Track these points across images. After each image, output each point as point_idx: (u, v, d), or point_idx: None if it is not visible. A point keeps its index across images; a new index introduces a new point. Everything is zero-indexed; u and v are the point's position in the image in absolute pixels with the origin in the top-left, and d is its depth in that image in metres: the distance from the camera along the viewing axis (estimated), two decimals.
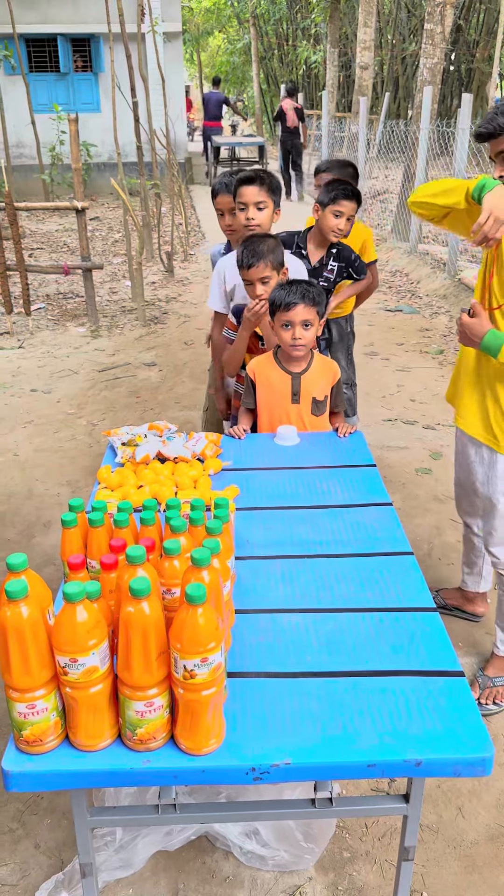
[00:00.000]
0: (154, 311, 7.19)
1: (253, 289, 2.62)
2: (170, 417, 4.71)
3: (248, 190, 2.74)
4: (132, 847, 1.95)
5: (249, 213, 2.76)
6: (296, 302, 2.42)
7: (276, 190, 2.79)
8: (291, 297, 2.43)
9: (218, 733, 1.37)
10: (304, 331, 2.47)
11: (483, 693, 2.50)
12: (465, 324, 2.17)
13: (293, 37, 24.92)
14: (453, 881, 1.97)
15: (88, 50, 14.16)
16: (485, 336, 2.14)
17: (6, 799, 2.20)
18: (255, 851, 1.98)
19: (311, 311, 2.45)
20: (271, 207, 2.79)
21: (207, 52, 36.98)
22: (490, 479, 2.37)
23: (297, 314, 2.43)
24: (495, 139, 2.06)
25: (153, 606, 1.28)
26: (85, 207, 6.20)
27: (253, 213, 2.76)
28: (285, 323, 2.46)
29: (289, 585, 1.82)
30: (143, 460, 2.34)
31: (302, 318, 2.44)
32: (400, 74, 21.16)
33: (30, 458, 4.29)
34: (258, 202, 2.75)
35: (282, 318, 2.47)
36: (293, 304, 2.43)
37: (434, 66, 8.84)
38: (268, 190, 2.75)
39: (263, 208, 2.76)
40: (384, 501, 2.19)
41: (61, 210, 6.84)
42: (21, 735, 1.34)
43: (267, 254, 2.57)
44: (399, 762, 1.35)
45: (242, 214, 2.79)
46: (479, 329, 2.15)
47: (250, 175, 2.74)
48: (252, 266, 2.57)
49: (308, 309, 2.44)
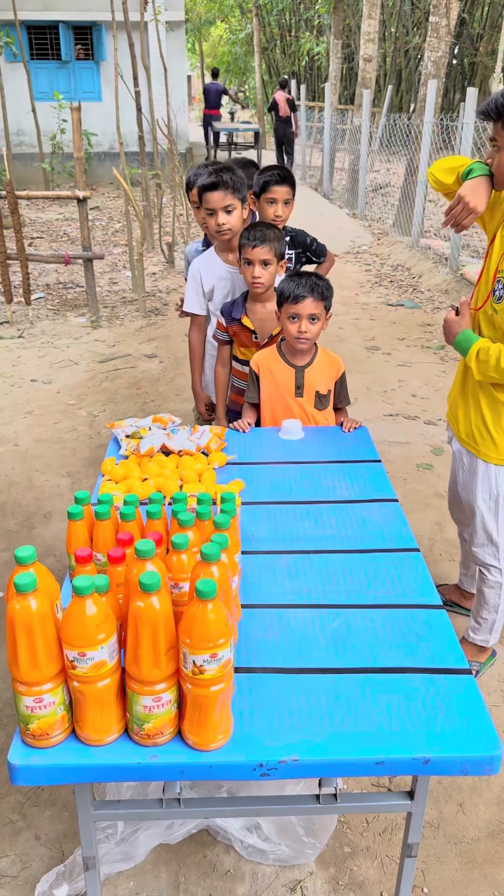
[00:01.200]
0: (155, 303, 7.17)
1: (252, 269, 2.62)
2: (171, 409, 4.70)
3: (213, 196, 2.71)
4: (133, 840, 1.95)
5: (219, 218, 2.74)
6: (305, 295, 2.41)
7: (241, 187, 2.75)
8: (301, 289, 2.42)
9: (225, 729, 1.37)
10: (311, 324, 2.46)
11: None
12: (446, 321, 2.20)
13: (296, 28, 24.79)
14: (454, 877, 1.98)
15: (90, 38, 14.06)
16: (457, 335, 2.16)
17: (7, 790, 2.19)
18: (256, 845, 1.98)
19: (318, 305, 2.44)
20: (239, 206, 2.77)
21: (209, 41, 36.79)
22: (468, 485, 2.38)
23: (304, 307, 2.42)
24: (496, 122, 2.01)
25: (163, 601, 1.27)
26: (86, 197, 6.16)
27: (223, 219, 2.74)
28: (292, 315, 2.45)
29: (295, 581, 1.82)
30: (148, 453, 2.33)
31: (309, 312, 2.43)
32: (403, 67, 21.07)
33: (30, 448, 4.27)
34: (226, 206, 2.72)
35: (289, 311, 2.45)
36: (302, 298, 2.41)
37: (438, 59, 8.80)
38: (233, 191, 2.71)
39: (232, 210, 2.74)
40: (390, 497, 2.19)
41: (62, 199, 6.81)
42: (28, 729, 1.33)
43: (272, 239, 2.59)
44: (407, 760, 1.35)
45: (212, 220, 2.76)
46: (454, 328, 2.18)
47: (213, 181, 2.70)
48: (257, 246, 2.57)
49: (316, 303, 2.43)
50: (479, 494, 2.34)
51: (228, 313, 2.79)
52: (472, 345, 2.13)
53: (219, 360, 2.96)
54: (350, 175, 12.80)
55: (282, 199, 3.01)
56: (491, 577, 2.44)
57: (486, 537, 2.39)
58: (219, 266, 2.93)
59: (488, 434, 2.26)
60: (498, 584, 2.45)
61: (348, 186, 12.91)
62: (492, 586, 2.45)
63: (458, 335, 2.16)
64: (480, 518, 2.37)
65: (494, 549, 2.41)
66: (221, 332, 2.85)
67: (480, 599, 2.50)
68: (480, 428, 2.28)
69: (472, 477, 2.35)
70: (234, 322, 2.77)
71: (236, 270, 2.88)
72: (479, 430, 2.28)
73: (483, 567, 2.45)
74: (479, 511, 2.36)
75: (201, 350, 3.08)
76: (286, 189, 3.01)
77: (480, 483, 2.33)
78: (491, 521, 2.36)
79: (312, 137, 17.42)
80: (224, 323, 2.82)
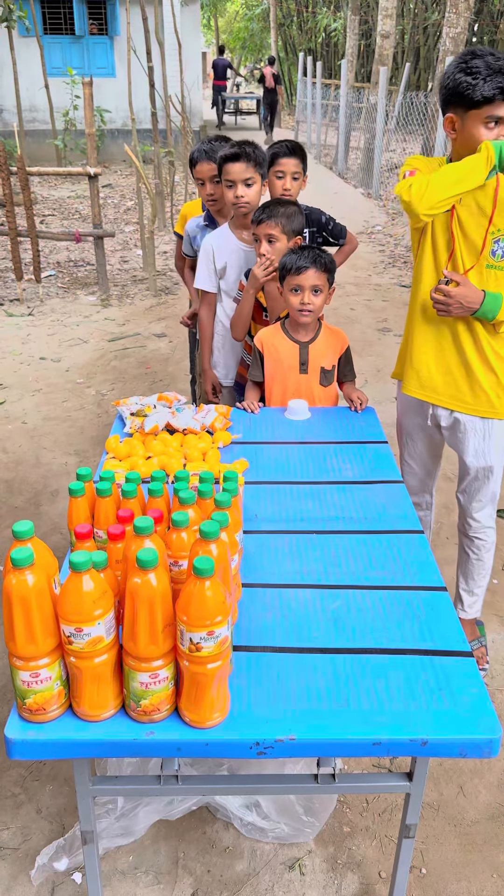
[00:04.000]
0: (165, 282, 7.13)
1: (258, 245, 2.59)
2: (179, 389, 4.68)
3: (234, 167, 2.64)
4: (133, 815, 1.96)
5: (238, 190, 2.67)
6: (307, 266, 2.38)
7: (262, 162, 2.70)
8: (302, 260, 2.39)
9: (222, 707, 1.36)
10: (314, 296, 2.42)
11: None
12: (457, 294, 2.10)
13: (313, 3, 24.39)
14: (452, 859, 1.98)
15: (104, 12, 13.90)
16: (482, 300, 2.10)
17: (9, 764, 2.21)
18: (256, 823, 1.98)
19: (321, 276, 2.41)
20: (259, 182, 2.70)
21: (225, 17, 36.29)
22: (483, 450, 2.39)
23: (307, 278, 2.39)
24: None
25: (160, 578, 1.26)
26: (98, 174, 6.12)
27: (242, 191, 2.67)
28: (295, 287, 2.42)
29: (297, 561, 1.80)
30: (152, 431, 2.32)
31: (312, 283, 2.40)
32: (421, 44, 20.71)
33: (38, 426, 4.28)
34: (246, 179, 2.65)
35: (291, 282, 2.42)
36: (304, 268, 2.38)
37: (457, 35, 8.64)
38: (254, 165, 2.65)
39: (252, 184, 2.68)
40: (395, 479, 2.16)
41: (74, 176, 6.76)
42: (24, 703, 1.33)
43: (281, 216, 2.54)
44: (405, 741, 1.34)
45: (230, 192, 2.69)
46: (471, 295, 2.10)
47: (235, 151, 2.63)
48: (262, 221, 2.54)
49: (319, 274, 2.40)
50: (494, 454, 2.34)
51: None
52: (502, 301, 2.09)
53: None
54: (365, 154, 12.64)
55: (290, 173, 2.89)
56: (489, 539, 2.47)
57: (490, 497, 2.41)
58: (233, 242, 2.88)
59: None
60: (493, 545, 2.49)
61: (363, 165, 12.75)
62: (489, 548, 2.49)
63: (485, 299, 2.09)
64: (495, 480, 2.38)
65: (492, 508, 2.44)
66: (241, 291, 2.81)
67: (479, 567, 2.50)
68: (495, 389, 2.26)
69: (488, 441, 2.33)
70: None
71: (250, 248, 2.84)
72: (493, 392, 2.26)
73: (481, 532, 2.45)
74: (496, 473, 2.37)
75: (211, 328, 3.05)
76: (295, 161, 2.90)
77: (497, 442, 2.33)
78: (500, 479, 2.38)
79: (328, 115, 17.22)
80: (244, 283, 2.78)
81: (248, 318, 2.79)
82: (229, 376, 3.07)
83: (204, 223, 3.11)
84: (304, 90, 18.63)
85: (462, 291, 2.10)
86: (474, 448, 2.36)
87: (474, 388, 2.28)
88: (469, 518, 2.47)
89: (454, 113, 2.03)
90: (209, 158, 2.89)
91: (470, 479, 2.41)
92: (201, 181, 3.02)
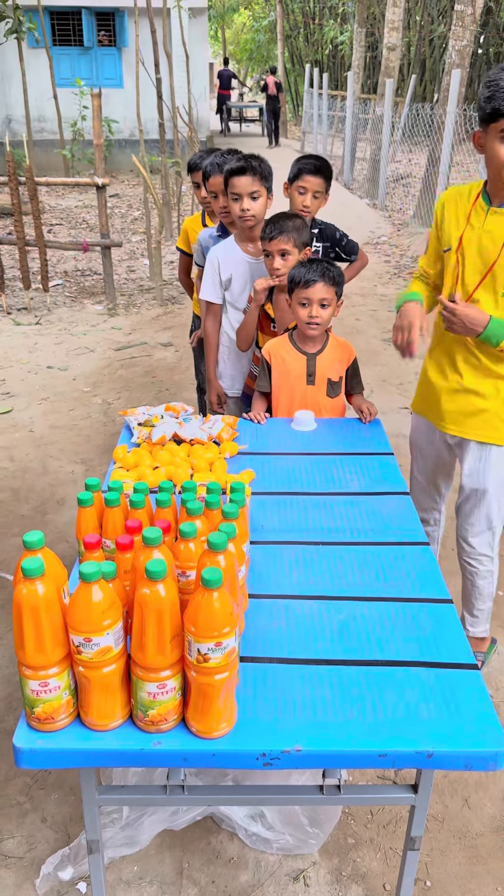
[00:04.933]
0: (172, 291, 7.16)
1: (271, 261, 2.60)
2: (185, 399, 4.70)
3: (240, 181, 2.66)
4: (138, 825, 1.96)
5: (244, 203, 2.69)
6: (315, 279, 2.40)
7: (268, 176, 2.71)
8: (311, 274, 2.41)
9: (229, 717, 1.37)
10: (322, 310, 2.44)
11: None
12: (464, 314, 2.12)
13: (320, 15, 24.57)
14: (457, 871, 1.97)
15: (112, 24, 14.02)
16: (487, 325, 2.10)
17: (14, 773, 2.21)
18: (261, 834, 1.99)
19: (329, 290, 2.43)
20: (265, 195, 2.72)
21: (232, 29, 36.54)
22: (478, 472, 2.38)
23: (315, 292, 2.41)
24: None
25: (169, 589, 1.27)
26: (105, 184, 6.16)
27: (248, 204, 2.69)
28: (303, 300, 2.44)
29: (303, 572, 1.81)
30: (160, 441, 2.33)
31: (320, 297, 2.42)
32: (427, 56, 20.83)
33: (45, 434, 4.30)
34: (252, 192, 2.67)
35: (300, 296, 2.44)
36: (312, 282, 2.40)
37: (463, 48, 8.68)
38: (260, 178, 2.67)
39: (258, 197, 2.70)
40: (401, 490, 2.17)
41: (81, 186, 6.81)
42: (33, 712, 1.34)
43: (291, 230, 2.56)
44: (410, 753, 1.35)
45: (236, 205, 2.72)
46: (480, 317, 2.11)
47: (241, 165, 2.65)
48: (274, 238, 2.56)
49: (327, 288, 2.42)
50: (491, 479, 2.33)
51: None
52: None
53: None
54: (371, 165, 12.69)
55: (312, 191, 2.93)
56: (483, 568, 2.45)
57: (487, 524, 2.39)
58: (238, 255, 2.90)
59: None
60: (490, 573, 2.46)
61: (369, 176, 12.80)
62: (484, 576, 2.46)
63: (489, 324, 2.10)
64: (487, 504, 2.36)
65: (490, 535, 2.41)
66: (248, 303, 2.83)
67: (474, 592, 2.49)
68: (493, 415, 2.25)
69: (484, 463, 2.33)
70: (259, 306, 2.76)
71: (255, 260, 2.86)
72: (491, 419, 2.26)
73: (475, 559, 2.44)
74: (488, 497, 2.35)
75: (216, 338, 3.07)
76: (319, 181, 2.93)
77: (494, 468, 2.32)
78: (495, 506, 2.36)
79: (334, 127, 17.31)
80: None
81: (253, 331, 2.82)
82: (234, 387, 3.09)
83: (217, 234, 3.14)
84: (310, 101, 18.75)
85: (467, 311, 2.12)
86: (469, 467, 2.36)
87: (474, 412, 2.29)
88: (462, 540, 2.46)
89: (481, 128, 2.04)
90: (222, 171, 2.92)
91: (463, 498, 2.42)
92: (214, 194, 3.04)
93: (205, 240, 3.22)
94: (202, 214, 3.50)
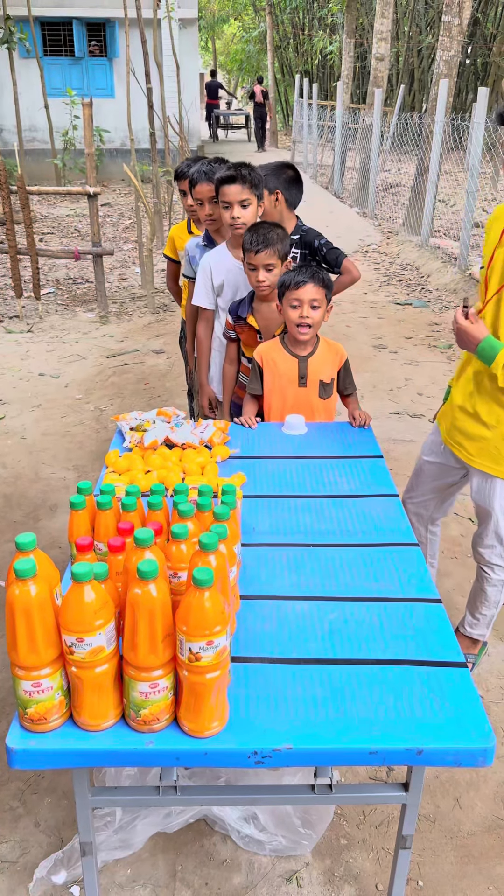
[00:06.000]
0: (163, 299, 7.18)
1: (256, 274, 2.62)
2: (178, 405, 4.72)
3: (230, 189, 2.68)
4: (131, 828, 1.97)
5: (234, 211, 2.71)
6: (305, 280, 2.43)
7: (258, 184, 2.72)
8: (301, 276, 2.45)
9: (221, 716, 1.38)
10: (313, 311, 2.47)
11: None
12: (463, 328, 2.13)
13: (309, 26, 24.77)
14: (449, 871, 1.99)
15: (103, 35, 14.10)
16: (480, 342, 2.11)
17: (7, 777, 2.22)
18: (253, 836, 1.99)
19: (319, 291, 2.46)
20: (255, 203, 2.73)
21: (222, 39, 36.74)
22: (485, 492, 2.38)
23: (306, 292, 2.44)
24: None
25: (160, 589, 1.29)
26: (97, 193, 6.19)
27: (238, 212, 2.71)
28: (294, 302, 2.47)
29: (294, 573, 1.83)
30: (151, 445, 2.35)
31: (310, 297, 2.45)
32: (416, 67, 21.01)
33: (37, 441, 4.30)
34: (242, 200, 2.69)
35: (290, 298, 2.47)
36: (303, 283, 2.43)
37: (450, 58, 8.78)
38: (250, 186, 2.68)
39: (248, 205, 2.71)
40: (390, 493, 2.20)
41: (73, 195, 6.84)
42: (26, 713, 1.35)
43: (276, 241, 2.57)
44: (400, 750, 1.36)
45: (227, 213, 2.73)
46: (476, 334, 2.12)
47: (231, 174, 2.66)
48: (260, 251, 2.57)
49: (317, 288, 2.45)
50: (497, 502, 2.33)
51: (235, 312, 2.80)
52: (497, 352, 2.09)
53: (227, 357, 2.96)
54: (361, 174, 12.78)
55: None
56: (495, 576, 2.46)
57: (496, 539, 2.40)
58: (229, 261, 2.92)
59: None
60: (501, 583, 2.47)
61: (359, 185, 12.90)
62: (494, 584, 2.47)
63: (482, 342, 2.11)
64: (494, 523, 2.37)
65: (502, 549, 2.42)
66: (230, 329, 2.86)
67: (481, 596, 2.51)
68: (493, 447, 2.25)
69: (489, 485, 2.33)
70: (241, 321, 2.78)
71: None
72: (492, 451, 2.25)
73: (487, 566, 2.45)
74: (493, 516, 2.36)
75: (208, 344, 3.09)
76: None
77: (499, 497, 2.32)
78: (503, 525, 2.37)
79: (324, 136, 17.43)
80: (231, 321, 2.83)
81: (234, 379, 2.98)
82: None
83: (203, 243, 3.15)
84: (300, 111, 18.88)
85: (467, 327, 2.12)
86: (477, 485, 2.37)
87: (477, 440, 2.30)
88: (475, 546, 2.48)
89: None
90: (208, 179, 2.94)
91: (475, 508, 2.45)
92: (200, 201, 3.05)
93: (191, 249, 3.23)
94: (188, 222, 3.52)
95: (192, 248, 3.22)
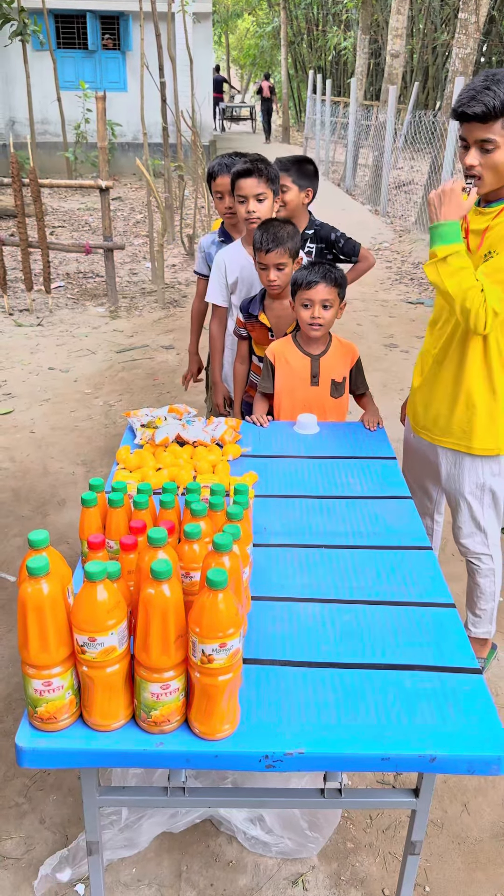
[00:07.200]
0: (174, 294, 7.17)
1: (267, 273, 2.60)
2: (187, 401, 4.70)
3: (246, 183, 2.65)
4: (137, 827, 1.96)
5: (250, 205, 2.68)
6: (317, 280, 2.41)
7: (275, 178, 2.70)
8: (313, 275, 2.42)
9: (232, 719, 1.37)
10: (324, 311, 2.45)
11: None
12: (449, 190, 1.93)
13: (323, 22, 24.69)
14: (456, 877, 1.97)
15: (117, 28, 14.07)
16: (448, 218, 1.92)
17: (13, 773, 2.21)
18: (260, 838, 1.98)
19: (331, 291, 2.43)
20: (271, 197, 2.71)
21: (236, 34, 36.67)
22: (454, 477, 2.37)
23: (317, 293, 2.42)
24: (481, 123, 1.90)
25: (173, 589, 1.27)
26: (109, 187, 6.17)
27: (253, 206, 2.68)
28: (305, 302, 2.45)
29: (306, 574, 1.81)
30: (163, 443, 2.33)
31: (322, 298, 2.43)
32: (430, 64, 20.91)
33: (46, 436, 4.30)
34: (257, 194, 2.66)
35: (302, 297, 2.45)
36: (314, 283, 2.41)
37: (466, 56, 8.72)
38: (266, 180, 2.66)
39: (263, 199, 2.68)
40: (403, 495, 2.18)
41: (84, 188, 6.82)
42: (36, 712, 1.34)
43: (286, 240, 2.54)
44: (413, 757, 1.34)
45: (242, 207, 2.71)
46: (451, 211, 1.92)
47: (248, 167, 2.64)
48: (271, 251, 2.54)
49: (329, 289, 2.43)
50: (465, 486, 2.33)
51: (246, 310, 2.78)
52: (450, 241, 1.92)
53: (238, 356, 2.94)
54: (373, 171, 12.73)
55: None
56: (484, 566, 2.44)
57: (475, 525, 2.39)
58: (244, 257, 2.90)
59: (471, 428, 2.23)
60: (491, 571, 2.45)
61: (371, 183, 12.84)
62: (486, 574, 2.45)
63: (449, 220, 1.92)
64: (467, 508, 2.36)
65: (483, 535, 2.40)
66: (241, 327, 2.84)
67: (476, 591, 2.49)
68: (464, 422, 2.24)
69: (458, 469, 2.33)
70: (252, 318, 2.76)
71: None
72: (462, 425, 2.25)
73: (474, 557, 2.44)
74: (464, 502, 2.35)
75: (221, 341, 3.07)
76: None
77: (467, 475, 2.32)
78: (478, 509, 2.36)
79: (337, 133, 17.37)
80: (243, 319, 2.81)
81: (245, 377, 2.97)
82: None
83: (219, 239, 3.12)
84: (313, 107, 18.81)
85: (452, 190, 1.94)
86: (446, 471, 2.36)
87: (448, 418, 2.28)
88: (456, 542, 2.47)
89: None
90: (229, 171, 2.91)
91: (448, 501, 2.43)
92: (220, 194, 3.01)
93: (207, 245, 3.20)
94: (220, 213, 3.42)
95: (207, 245, 3.20)
